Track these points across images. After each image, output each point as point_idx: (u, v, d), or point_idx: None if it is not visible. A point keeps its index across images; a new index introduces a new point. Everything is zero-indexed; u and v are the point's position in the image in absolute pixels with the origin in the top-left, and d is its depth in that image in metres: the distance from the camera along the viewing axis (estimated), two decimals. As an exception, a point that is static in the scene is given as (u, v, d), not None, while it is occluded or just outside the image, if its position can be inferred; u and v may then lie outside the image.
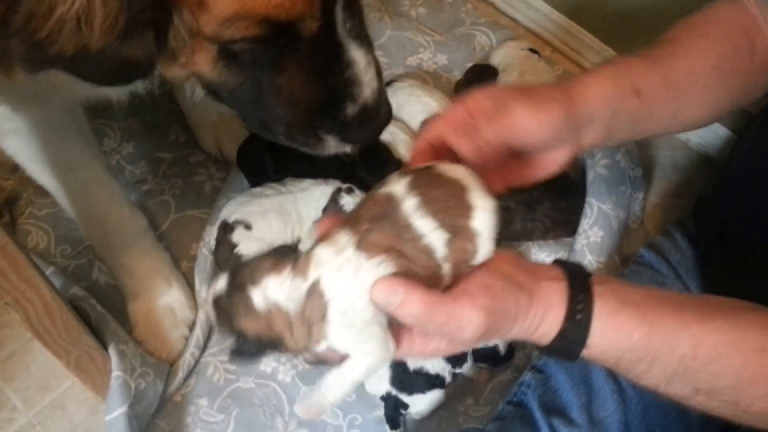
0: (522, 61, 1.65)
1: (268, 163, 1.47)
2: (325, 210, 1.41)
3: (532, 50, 1.68)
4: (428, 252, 0.70)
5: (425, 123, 1.50)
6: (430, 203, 0.70)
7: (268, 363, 1.35)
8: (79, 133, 1.22)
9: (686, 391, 0.79)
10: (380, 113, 0.88)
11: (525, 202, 1.47)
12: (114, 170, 1.51)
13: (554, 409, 1.11)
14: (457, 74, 1.73)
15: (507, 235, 1.48)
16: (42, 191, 1.42)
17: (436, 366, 1.27)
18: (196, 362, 1.35)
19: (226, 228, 1.39)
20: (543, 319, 0.77)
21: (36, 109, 1.04)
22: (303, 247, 1.37)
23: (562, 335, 0.77)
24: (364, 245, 0.69)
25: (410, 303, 0.68)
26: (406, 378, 1.26)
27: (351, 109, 0.86)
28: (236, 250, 1.37)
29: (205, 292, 1.39)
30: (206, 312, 1.35)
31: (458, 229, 0.71)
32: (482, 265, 0.75)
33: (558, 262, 0.82)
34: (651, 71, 0.96)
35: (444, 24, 1.82)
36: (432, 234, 0.70)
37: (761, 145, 1.22)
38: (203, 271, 1.42)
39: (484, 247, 0.73)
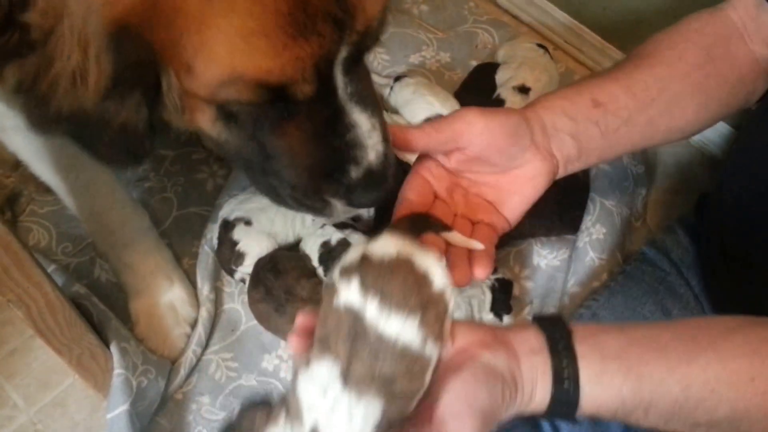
0: (524, 53, 1.64)
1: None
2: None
3: (540, 45, 1.67)
4: (404, 354, 0.67)
5: (426, 121, 1.49)
6: (388, 298, 0.67)
7: (270, 360, 1.34)
8: None
9: (686, 427, 0.78)
10: (387, 177, 0.85)
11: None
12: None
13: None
14: (460, 72, 1.72)
15: (514, 235, 1.47)
16: (43, 189, 1.41)
17: None
18: (198, 360, 1.34)
19: (227, 226, 1.38)
20: (532, 395, 0.76)
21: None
22: (303, 246, 1.37)
23: (553, 404, 0.76)
24: (349, 381, 0.65)
25: None
26: None
27: (355, 173, 0.84)
28: (237, 247, 1.36)
29: (207, 289, 1.38)
30: (207, 310, 1.36)
31: (425, 302, 0.68)
32: (451, 366, 0.72)
33: (536, 321, 0.80)
34: (609, 83, 0.96)
35: (446, 22, 1.81)
36: (402, 329, 0.67)
37: (756, 141, 1.21)
38: (205, 269, 1.40)
39: (452, 298, 0.71)
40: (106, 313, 1.27)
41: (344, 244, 1.33)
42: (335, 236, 1.35)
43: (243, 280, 1.38)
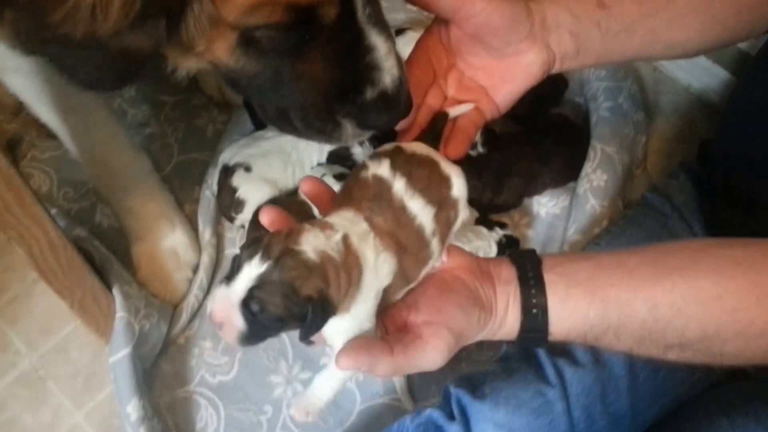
0: None
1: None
2: (331, 154, 1.39)
3: None
4: (419, 233, 0.72)
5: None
6: (415, 182, 0.73)
7: (272, 306, 1.33)
8: None
9: (659, 350, 0.80)
10: (400, 102, 0.85)
11: (538, 158, 1.44)
12: (116, 113, 1.48)
13: (559, 350, 1.11)
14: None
15: (527, 192, 1.48)
16: (45, 134, 1.39)
17: None
18: (200, 305, 1.33)
19: (227, 171, 1.37)
20: (503, 321, 0.79)
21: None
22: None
23: (523, 331, 0.80)
24: (373, 226, 0.70)
25: (378, 368, 0.70)
26: None
27: (370, 93, 0.84)
28: (237, 194, 1.35)
29: (208, 234, 1.37)
30: (209, 254, 1.34)
31: (442, 201, 0.75)
32: (438, 280, 0.77)
33: (510, 254, 0.84)
34: None
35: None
36: (422, 212, 0.73)
37: (757, 86, 1.20)
38: (206, 214, 1.39)
39: (462, 211, 0.78)
40: (108, 256, 1.26)
41: None
42: (334, 188, 1.32)
43: (243, 226, 1.37)
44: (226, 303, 0.66)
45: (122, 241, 1.37)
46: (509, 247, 1.36)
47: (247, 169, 1.36)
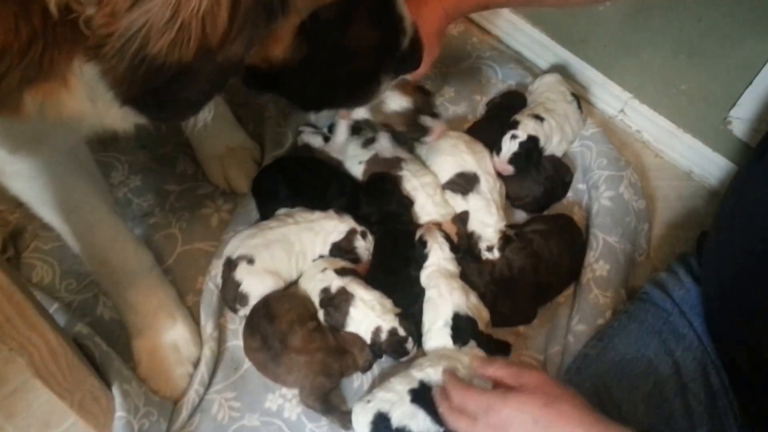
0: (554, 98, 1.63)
1: (282, 190, 1.47)
2: (335, 246, 1.39)
3: (573, 95, 1.66)
4: None
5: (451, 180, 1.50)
6: None
7: (273, 400, 1.31)
8: (84, 171, 1.18)
9: None
10: (420, 40, 0.94)
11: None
12: (121, 203, 1.49)
13: None
14: (464, 106, 1.72)
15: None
16: (47, 225, 1.39)
17: (421, 426, 1.19)
18: (201, 400, 1.31)
19: (230, 264, 1.36)
20: None
21: (37, 151, 1.00)
22: (303, 284, 1.34)
23: None
24: None
25: None
26: None
27: (405, 41, 0.92)
28: (240, 288, 1.34)
29: (210, 327, 1.35)
30: (211, 348, 1.33)
31: None
32: None
33: None
34: None
35: (449, 58, 1.80)
36: None
37: (751, 181, 1.20)
38: (209, 306, 1.38)
39: None
40: (108, 354, 1.24)
41: (344, 293, 1.32)
42: (335, 283, 1.34)
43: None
44: None
45: (123, 333, 1.35)
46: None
47: (250, 261, 1.35)
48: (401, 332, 1.30)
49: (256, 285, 1.35)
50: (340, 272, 1.35)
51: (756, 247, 1.11)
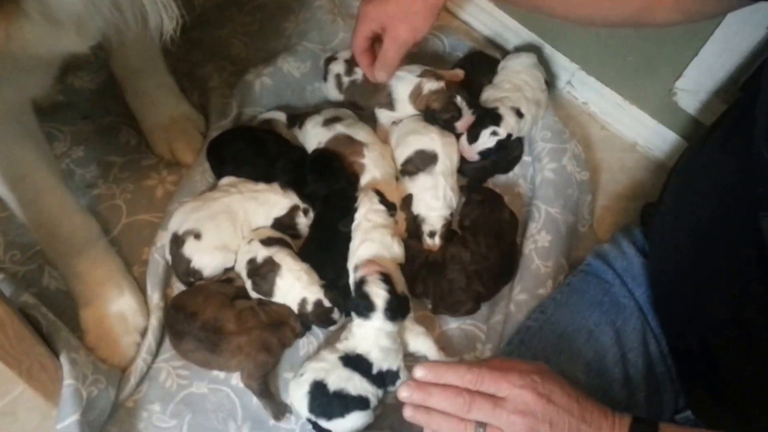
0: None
1: (232, 158, 1.54)
2: (277, 220, 1.46)
3: (547, 82, 1.72)
4: None
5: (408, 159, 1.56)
6: None
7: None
8: (31, 141, 1.23)
9: None
10: None
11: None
12: (64, 174, 1.52)
13: None
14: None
15: None
16: (-8, 196, 1.44)
17: (359, 387, 1.28)
18: (149, 368, 1.38)
19: (177, 240, 1.42)
20: None
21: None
22: (242, 251, 1.43)
23: None
24: None
25: None
26: (324, 401, 1.27)
27: None
28: (192, 265, 1.40)
29: (156, 297, 1.42)
30: (157, 318, 1.40)
31: None
32: None
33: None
34: None
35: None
36: None
37: (700, 157, 1.27)
38: (155, 276, 1.44)
39: None
40: (55, 323, 1.30)
41: (270, 263, 1.38)
42: (261, 253, 1.40)
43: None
44: None
45: (70, 304, 1.41)
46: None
47: (197, 236, 1.41)
48: (326, 303, 1.37)
49: (207, 262, 1.41)
50: (266, 242, 1.41)
51: (703, 226, 1.16)
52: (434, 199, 1.52)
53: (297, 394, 1.30)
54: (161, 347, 1.41)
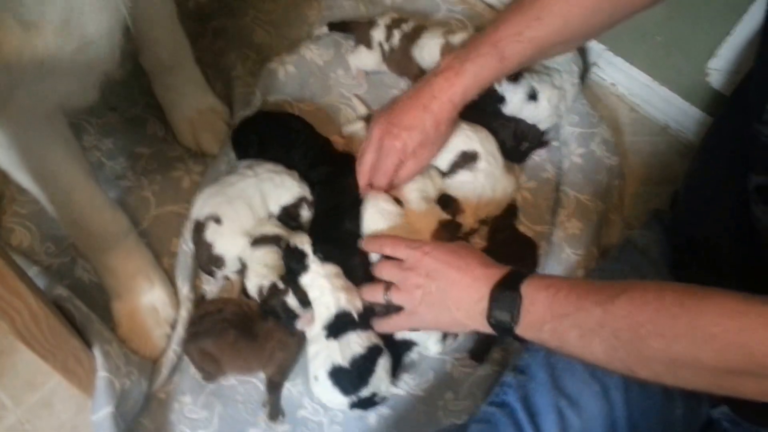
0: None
1: (253, 145, 1.58)
2: (284, 209, 1.50)
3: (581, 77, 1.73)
4: None
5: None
6: None
7: (249, 360, 1.44)
8: (60, 138, 1.27)
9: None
10: None
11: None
12: (94, 167, 1.56)
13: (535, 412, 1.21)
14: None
15: None
16: (24, 189, 1.48)
17: (362, 341, 1.35)
18: (179, 359, 1.43)
19: (199, 227, 1.46)
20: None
21: (8, 118, 1.10)
22: (261, 228, 1.46)
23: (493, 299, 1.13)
24: None
25: None
26: (351, 376, 1.33)
27: None
28: (213, 251, 1.44)
29: (186, 289, 1.47)
30: (187, 309, 1.45)
31: None
32: None
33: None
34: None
35: (420, 12, 1.88)
36: None
37: (723, 131, 1.30)
38: (184, 268, 1.48)
39: None
40: (88, 315, 1.36)
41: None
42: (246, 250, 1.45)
43: (227, 278, 1.49)
44: None
45: (102, 296, 1.47)
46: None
47: (217, 220, 1.44)
48: (280, 285, 1.38)
49: (228, 247, 1.44)
50: (257, 241, 1.44)
51: (726, 203, 1.20)
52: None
53: (329, 396, 1.36)
54: (191, 338, 1.45)
